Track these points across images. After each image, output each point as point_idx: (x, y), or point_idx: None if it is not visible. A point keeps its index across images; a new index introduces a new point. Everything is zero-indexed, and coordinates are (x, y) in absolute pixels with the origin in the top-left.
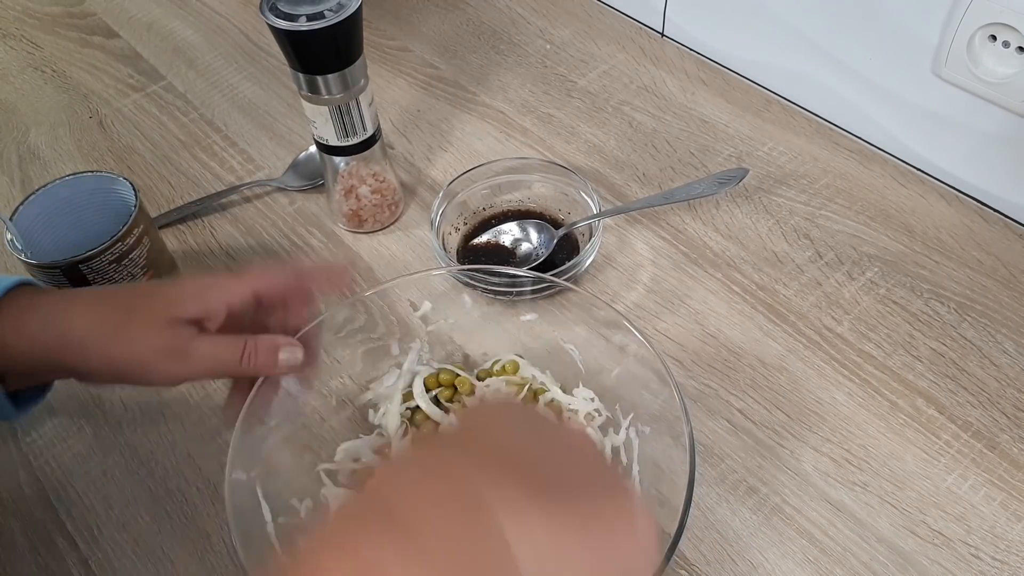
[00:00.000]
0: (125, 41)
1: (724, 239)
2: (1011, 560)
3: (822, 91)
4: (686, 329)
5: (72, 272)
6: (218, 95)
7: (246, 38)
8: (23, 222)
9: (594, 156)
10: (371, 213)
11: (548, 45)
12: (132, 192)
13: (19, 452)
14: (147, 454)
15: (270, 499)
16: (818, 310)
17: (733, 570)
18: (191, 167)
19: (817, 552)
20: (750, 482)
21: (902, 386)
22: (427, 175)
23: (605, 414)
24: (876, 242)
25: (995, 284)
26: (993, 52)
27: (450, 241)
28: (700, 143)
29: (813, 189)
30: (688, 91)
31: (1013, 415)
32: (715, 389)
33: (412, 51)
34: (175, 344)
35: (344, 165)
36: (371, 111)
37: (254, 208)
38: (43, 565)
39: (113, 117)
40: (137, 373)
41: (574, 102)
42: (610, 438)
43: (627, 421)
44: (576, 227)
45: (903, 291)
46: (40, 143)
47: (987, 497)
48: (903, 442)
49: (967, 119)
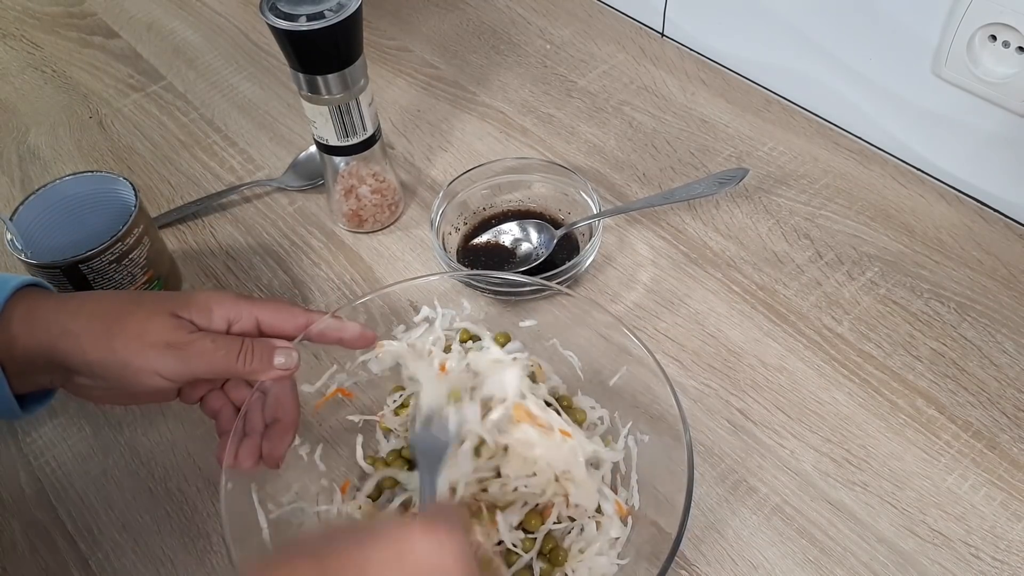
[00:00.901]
0: (125, 41)
1: (724, 239)
2: (1011, 560)
3: (822, 91)
4: (686, 329)
5: (72, 272)
6: (218, 95)
7: (246, 38)
8: (23, 222)
9: (594, 156)
10: (371, 213)
11: (548, 45)
12: (132, 192)
13: (19, 452)
14: (147, 454)
15: (265, 504)
16: (818, 310)
17: (733, 570)
18: (191, 167)
19: (817, 552)
20: (750, 482)
21: (902, 386)
22: (427, 175)
23: (607, 423)
24: (876, 242)
25: (995, 284)
26: (993, 52)
27: (450, 241)
28: (700, 143)
29: (813, 189)
30: (688, 91)
31: (1013, 415)
32: (715, 389)
33: (412, 51)
34: (175, 338)
35: (344, 165)
36: (371, 111)
37: (254, 208)
38: (43, 565)
39: (113, 117)
40: (135, 367)
41: (574, 102)
42: (609, 453)
43: (626, 429)
44: (576, 227)
45: (903, 291)
46: (40, 143)
47: (987, 497)
48: (903, 442)
49: (967, 119)
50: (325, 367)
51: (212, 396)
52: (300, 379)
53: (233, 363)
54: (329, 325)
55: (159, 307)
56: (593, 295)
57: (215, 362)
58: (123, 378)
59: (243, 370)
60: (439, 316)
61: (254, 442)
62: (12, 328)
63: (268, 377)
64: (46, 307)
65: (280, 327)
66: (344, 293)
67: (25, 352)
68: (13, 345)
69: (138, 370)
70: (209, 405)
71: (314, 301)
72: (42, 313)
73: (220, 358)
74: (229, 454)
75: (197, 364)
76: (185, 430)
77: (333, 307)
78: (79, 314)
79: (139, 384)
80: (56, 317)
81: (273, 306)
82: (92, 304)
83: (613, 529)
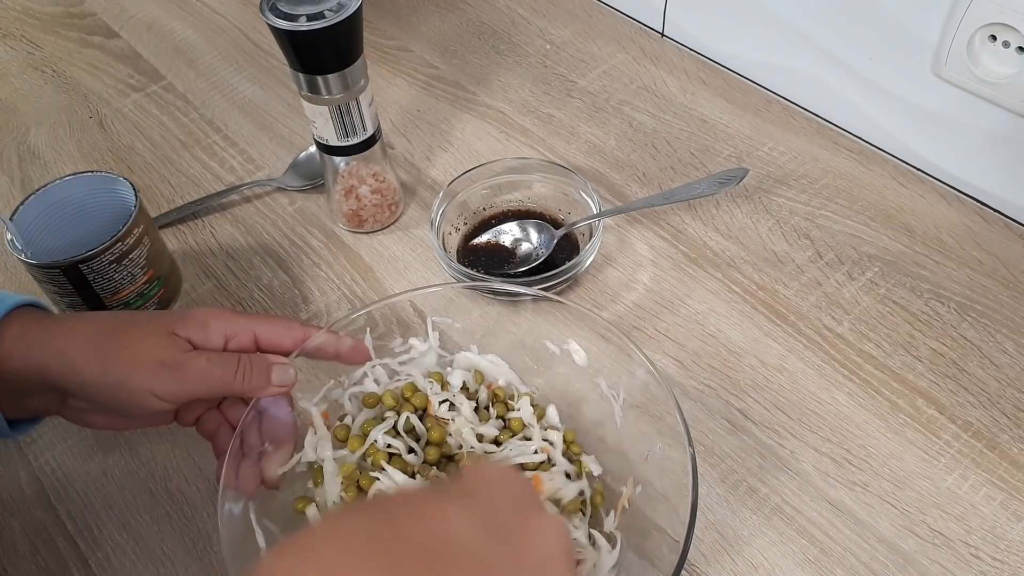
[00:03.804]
0: (125, 41)
1: (724, 239)
2: (1011, 560)
3: (822, 91)
4: (686, 329)
5: (72, 272)
6: (218, 95)
7: (246, 38)
8: (23, 222)
9: (594, 156)
10: (371, 213)
11: (548, 45)
12: (132, 192)
13: (19, 452)
14: (147, 454)
15: (263, 523)
16: (818, 310)
17: (733, 570)
18: (191, 167)
19: (817, 552)
20: (750, 482)
21: (902, 386)
22: (427, 175)
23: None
24: (876, 242)
25: (995, 284)
26: (993, 52)
27: (450, 241)
28: (700, 143)
29: (813, 189)
30: (688, 91)
31: (1013, 415)
32: (715, 389)
33: (412, 51)
34: (170, 356)
35: (344, 165)
36: (371, 111)
37: (254, 208)
38: (43, 565)
39: (113, 117)
40: (130, 387)
41: (574, 102)
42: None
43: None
44: (576, 227)
45: (903, 291)
46: (40, 143)
47: (987, 497)
48: (903, 442)
49: (967, 119)
50: (323, 383)
51: (208, 416)
52: (298, 393)
53: (231, 381)
54: (326, 340)
55: (154, 326)
56: (593, 295)
57: (212, 380)
58: (118, 399)
59: (241, 387)
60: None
61: (253, 463)
62: (6, 348)
63: (266, 394)
64: (40, 327)
65: (278, 342)
66: (344, 293)
67: (18, 373)
68: (6, 365)
69: (133, 390)
70: (205, 426)
71: (314, 301)
72: (36, 333)
73: (217, 376)
74: (227, 475)
75: (193, 383)
76: (186, 431)
77: (333, 308)
78: (73, 334)
79: (135, 405)
80: (50, 338)
81: (270, 321)
82: (86, 324)
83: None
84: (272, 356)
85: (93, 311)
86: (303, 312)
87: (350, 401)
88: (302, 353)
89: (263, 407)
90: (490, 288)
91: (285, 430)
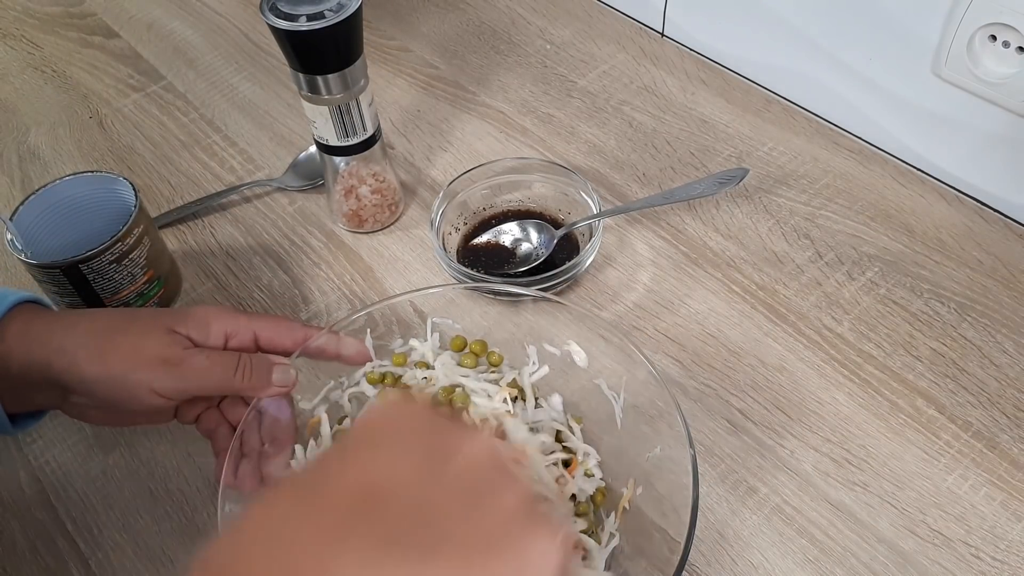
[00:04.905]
0: (125, 41)
1: (724, 239)
2: (1011, 560)
3: (822, 91)
4: (686, 329)
5: (72, 272)
6: (218, 95)
7: (246, 38)
8: (23, 222)
9: (594, 156)
10: (371, 213)
11: (548, 45)
12: (132, 192)
13: (19, 452)
14: (147, 454)
15: None
16: (818, 310)
17: (733, 570)
18: (191, 167)
19: (817, 552)
20: (750, 482)
21: (902, 386)
22: (427, 175)
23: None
24: (876, 242)
25: (995, 284)
26: (993, 52)
27: (450, 241)
28: (700, 143)
29: (813, 189)
30: (688, 91)
31: (1013, 415)
32: (715, 389)
33: (412, 51)
34: (170, 353)
35: (344, 165)
36: (371, 111)
37: (254, 208)
38: (43, 565)
39: (113, 117)
40: (130, 383)
41: (574, 102)
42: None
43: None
44: (576, 227)
45: (903, 291)
46: (40, 143)
47: (987, 497)
48: (903, 442)
49: (967, 119)
50: (323, 383)
51: (208, 415)
52: (297, 395)
53: (230, 379)
54: (327, 341)
55: (155, 323)
56: (593, 295)
57: (212, 378)
58: (118, 395)
59: (240, 386)
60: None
61: (253, 463)
62: (7, 344)
63: (266, 394)
64: (41, 323)
65: (278, 342)
66: (344, 293)
67: (20, 368)
68: (8, 361)
69: (133, 386)
70: (205, 424)
71: (314, 301)
72: (37, 329)
73: (217, 374)
74: (227, 474)
75: (193, 380)
76: (185, 430)
77: (332, 308)
78: (75, 330)
79: (135, 401)
80: (51, 333)
81: (271, 320)
82: (88, 320)
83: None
84: (273, 356)
85: (94, 308)
86: (303, 312)
87: (350, 402)
88: (303, 353)
89: (263, 407)
90: (490, 288)
91: (285, 430)
